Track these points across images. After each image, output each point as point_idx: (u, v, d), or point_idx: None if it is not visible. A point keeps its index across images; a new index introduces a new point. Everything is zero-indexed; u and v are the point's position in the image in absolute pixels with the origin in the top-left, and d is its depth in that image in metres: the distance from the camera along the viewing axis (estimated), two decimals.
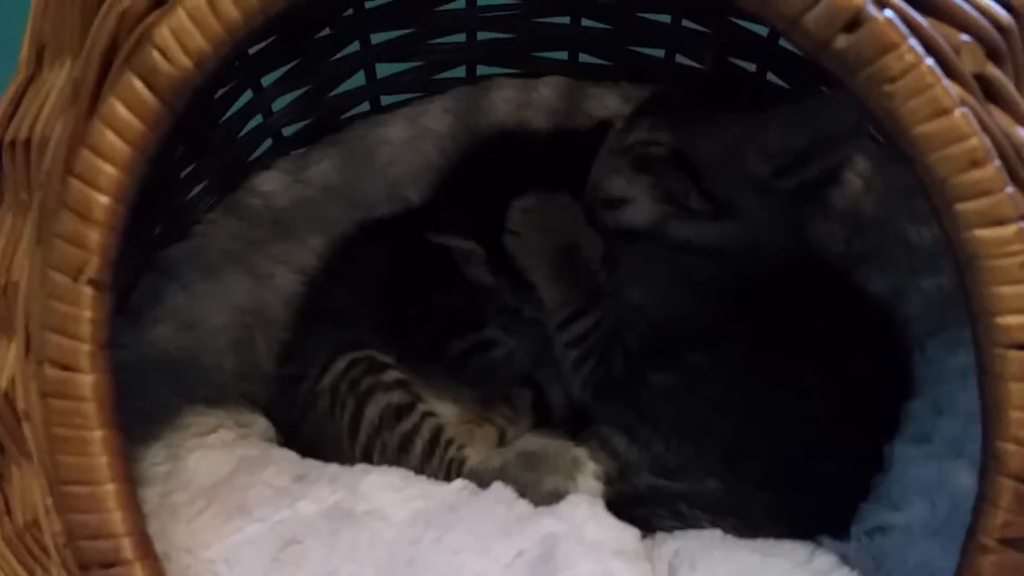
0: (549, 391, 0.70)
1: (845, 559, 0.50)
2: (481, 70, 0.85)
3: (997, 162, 0.37)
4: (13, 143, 0.45)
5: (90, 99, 0.40)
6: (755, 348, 0.63)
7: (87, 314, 0.40)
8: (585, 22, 0.83)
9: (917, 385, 0.61)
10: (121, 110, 0.39)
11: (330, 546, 0.44)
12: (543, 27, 0.83)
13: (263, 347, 0.73)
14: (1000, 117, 0.38)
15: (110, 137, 0.39)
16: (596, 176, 0.67)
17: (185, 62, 0.39)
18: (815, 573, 0.48)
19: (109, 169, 0.40)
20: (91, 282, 0.40)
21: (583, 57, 0.85)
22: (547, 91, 0.81)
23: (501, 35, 0.83)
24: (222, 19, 0.38)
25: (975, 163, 0.36)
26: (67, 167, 0.40)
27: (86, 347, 0.40)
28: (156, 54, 0.38)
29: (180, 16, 0.38)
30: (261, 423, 0.64)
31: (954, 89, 0.37)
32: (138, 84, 0.39)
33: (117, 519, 0.40)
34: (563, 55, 0.85)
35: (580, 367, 0.64)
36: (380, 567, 0.44)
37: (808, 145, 0.63)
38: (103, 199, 0.40)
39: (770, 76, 0.78)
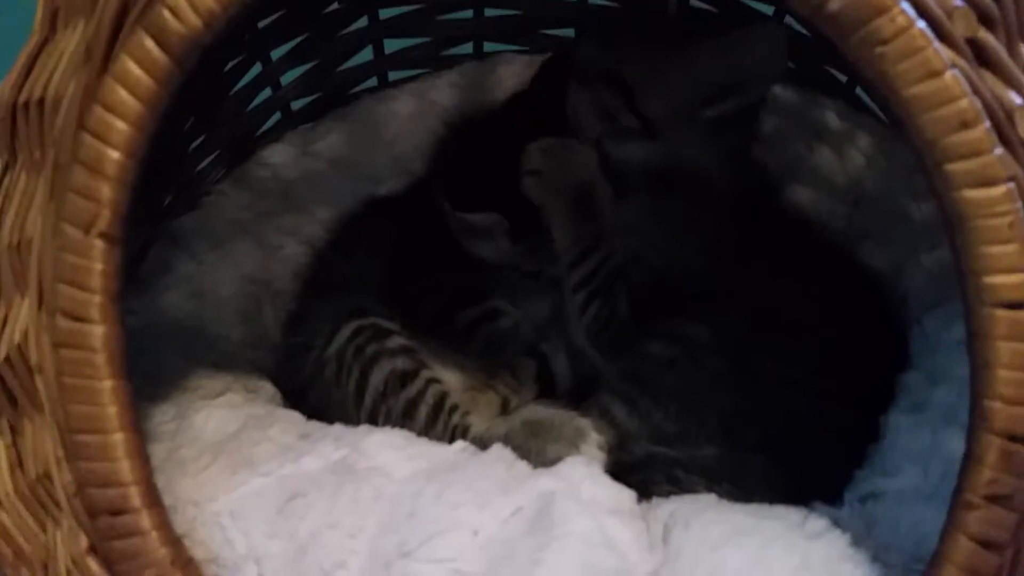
0: (554, 362, 0.71)
1: (838, 522, 0.51)
2: (488, 47, 0.86)
3: (987, 123, 0.37)
4: (27, 104, 0.46)
5: (103, 58, 0.42)
6: (755, 321, 0.63)
7: (98, 266, 0.42)
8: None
9: (913, 358, 0.62)
10: (133, 67, 0.40)
11: (333, 499, 0.46)
12: (551, 4, 0.84)
13: (270, 317, 0.74)
14: (991, 81, 0.39)
15: (122, 94, 0.40)
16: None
17: (195, 21, 0.40)
18: (808, 535, 0.49)
19: (121, 125, 0.41)
20: (102, 235, 0.41)
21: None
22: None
23: (508, 11, 0.84)
24: None
25: (965, 124, 0.37)
26: (80, 124, 0.42)
27: (97, 298, 0.41)
28: (167, 13, 0.39)
29: None
30: (268, 389, 0.65)
31: (945, 52, 0.37)
32: (149, 42, 0.40)
33: (125, 467, 0.42)
34: (570, 32, 0.85)
35: (587, 309, 0.66)
36: (381, 519, 0.45)
37: (731, 79, 0.66)
38: (115, 154, 0.41)
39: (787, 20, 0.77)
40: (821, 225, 0.72)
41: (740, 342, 0.63)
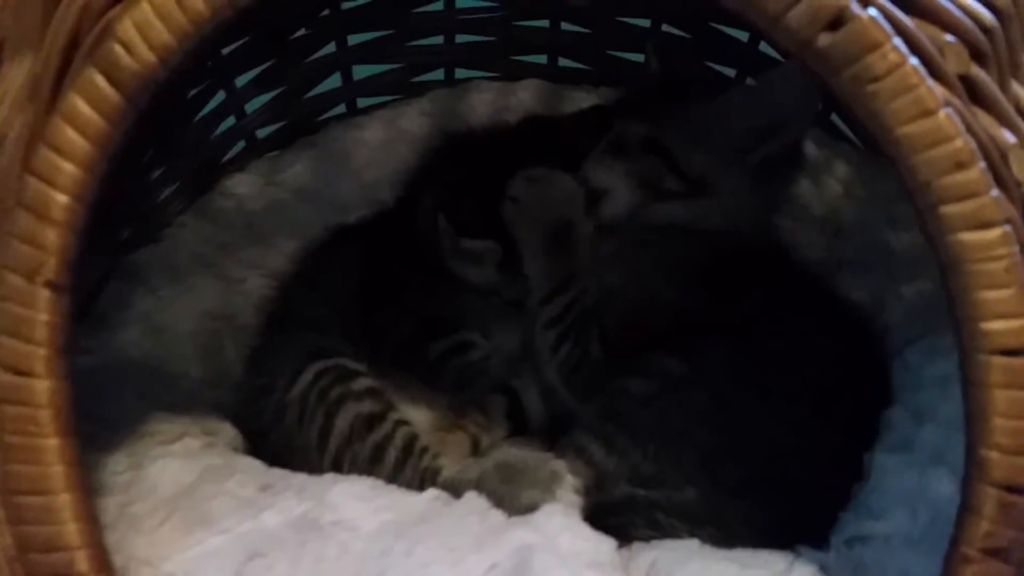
0: (525, 397, 0.68)
1: (824, 569, 0.49)
2: (460, 73, 0.84)
3: (982, 164, 0.36)
4: None
5: (50, 94, 0.39)
6: (734, 355, 0.62)
7: (43, 317, 0.39)
8: (564, 26, 0.82)
9: (896, 393, 0.60)
10: (82, 106, 0.38)
11: (296, 559, 0.43)
12: (522, 30, 0.82)
13: (232, 353, 0.71)
14: (984, 119, 0.38)
15: (70, 134, 0.38)
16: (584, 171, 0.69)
17: (148, 56, 0.38)
18: None
19: (69, 167, 0.38)
20: (48, 284, 0.39)
21: (562, 61, 0.84)
22: (525, 95, 0.80)
23: (480, 38, 0.82)
24: (188, 12, 0.36)
25: (960, 165, 0.36)
26: (25, 165, 0.39)
27: (42, 351, 0.39)
28: (118, 48, 0.37)
29: (144, 9, 0.36)
30: (228, 431, 0.62)
31: (939, 90, 0.36)
32: (99, 79, 0.37)
33: (72, 531, 0.39)
34: (542, 59, 0.84)
35: (558, 349, 0.65)
36: None
37: (767, 121, 0.67)
38: (62, 198, 0.38)
39: (749, 81, 0.77)
40: (800, 255, 0.71)
41: (720, 377, 0.61)
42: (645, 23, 0.80)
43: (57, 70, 0.38)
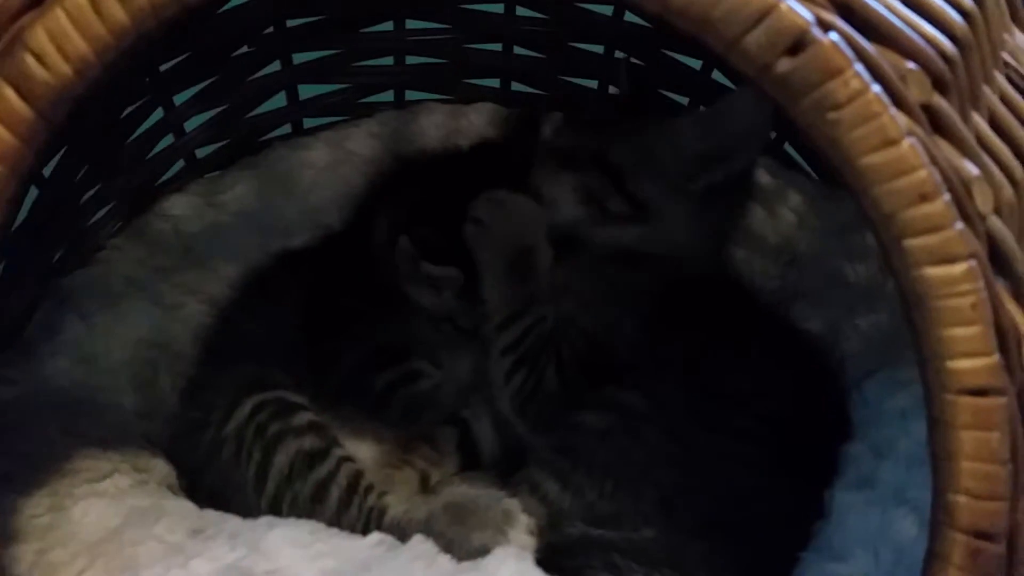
0: (476, 428, 0.66)
1: None
2: (410, 95, 0.82)
3: (947, 196, 0.35)
4: None
5: None
6: (691, 389, 0.60)
7: None
8: (517, 50, 0.81)
9: (856, 427, 0.59)
10: None
11: None
12: (474, 53, 0.81)
13: (168, 384, 0.68)
14: (947, 150, 0.36)
15: None
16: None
17: (64, 69, 0.35)
18: None
19: None
20: None
21: (515, 85, 0.82)
22: (477, 118, 0.79)
23: (431, 60, 0.81)
24: (107, 21, 0.34)
25: (924, 197, 0.34)
26: None
27: None
28: (31, 59, 0.34)
29: (58, 17, 0.34)
30: (161, 468, 0.58)
31: (902, 119, 0.35)
32: (10, 93, 0.34)
33: None
34: (495, 83, 0.82)
35: (512, 377, 0.63)
36: None
37: (716, 147, 0.65)
38: None
39: (715, 75, 0.77)
40: (755, 285, 0.70)
41: (677, 412, 0.60)
42: (598, 49, 0.79)
43: None
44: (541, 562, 0.52)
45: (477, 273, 0.65)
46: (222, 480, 0.57)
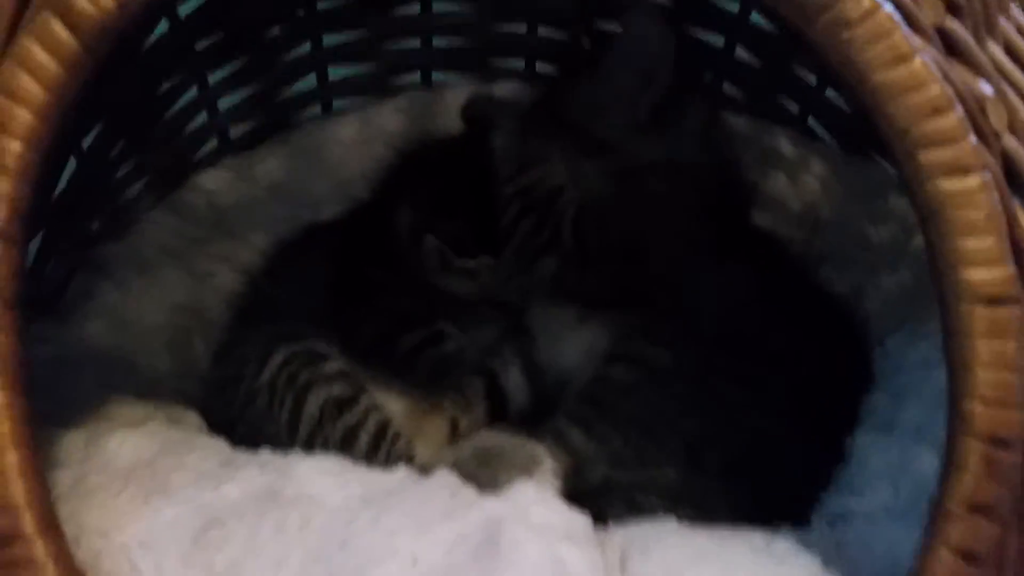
0: (505, 379, 0.66)
1: (805, 546, 0.47)
2: (436, 77, 0.84)
3: (960, 110, 0.35)
4: None
5: (4, 39, 0.38)
6: (719, 343, 0.60)
7: None
8: (542, 30, 0.82)
9: (878, 378, 0.60)
10: (37, 51, 0.37)
11: (255, 528, 0.41)
12: (500, 34, 0.82)
13: (201, 348, 0.69)
14: (961, 71, 0.37)
15: (25, 80, 0.37)
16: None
17: (107, 2, 0.37)
18: (774, 558, 0.46)
19: (23, 114, 0.37)
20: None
21: (540, 66, 0.84)
22: (502, 94, 0.80)
23: (457, 40, 0.82)
24: None
25: (937, 111, 0.35)
26: None
27: None
28: None
29: None
30: (194, 419, 0.60)
31: (914, 38, 0.36)
32: (56, 24, 0.36)
33: (18, 490, 0.37)
34: (520, 63, 0.84)
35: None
36: (309, 549, 0.40)
37: (636, 75, 0.64)
38: (15, 145, 0.37)
39: (738, 51, 0.77)
40: (783, 246, 0.70)
41: (703, 365, 0.60)
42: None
43: (12, 14, 0.37)
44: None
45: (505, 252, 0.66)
46: (255, 430, 0.58)
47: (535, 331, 0.67)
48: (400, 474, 0.47)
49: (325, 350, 0.60)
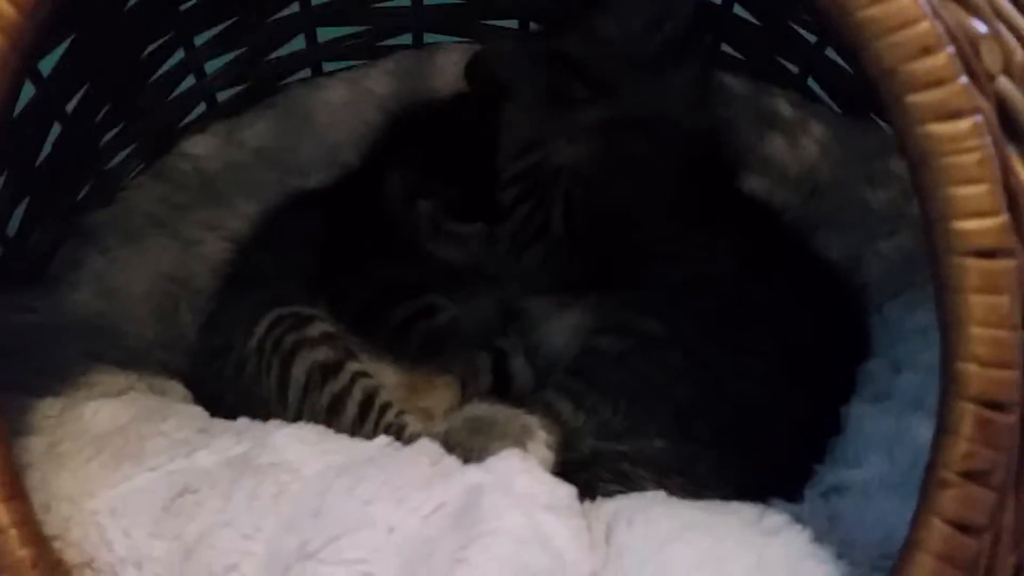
0: (513, 360, 0.65)
1: (798, 519, 0.46)
2: (428, 39, 0.82)
3: (950, 49, 0.34)
4: None
5: None
6: (710, 311, 0.59)
7: None
8: None
9: (875, 346, 0.58)
10: None
11: (227, 496, 0.40)
12: None
13: (188, 317, 0.69)
14: (953, 10, 0.35)
15: None
16: None
17: None
18: (764, 532, 0.44)
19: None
20: None
21: (533, 26, 0.82)
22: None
23: (449, 1, 0.80)
24: None
25: (926, 49, 0.33)
26: None
27: None
28: None
29: None
30: (178, 390, 0.59)
31: None
32: None
33: None
34: (513, 23, 0.82)
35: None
36: (282, 517, 0.39)
37: (649, 17, 0.66)
38: None
39: (736, 9, 0.75)
40: (776, 213, 0.68)
41: (694, 335, 0.59)
42: None
43: None
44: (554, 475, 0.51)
45: (499, 220, 0.65)
46: (245, 398, 0.57)
47: (528, 311, 0.66)
48: (380, 442, 0.46)
49: (310, 312, 0.59)
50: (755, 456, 0.53)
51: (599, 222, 0.61)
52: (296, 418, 0.56)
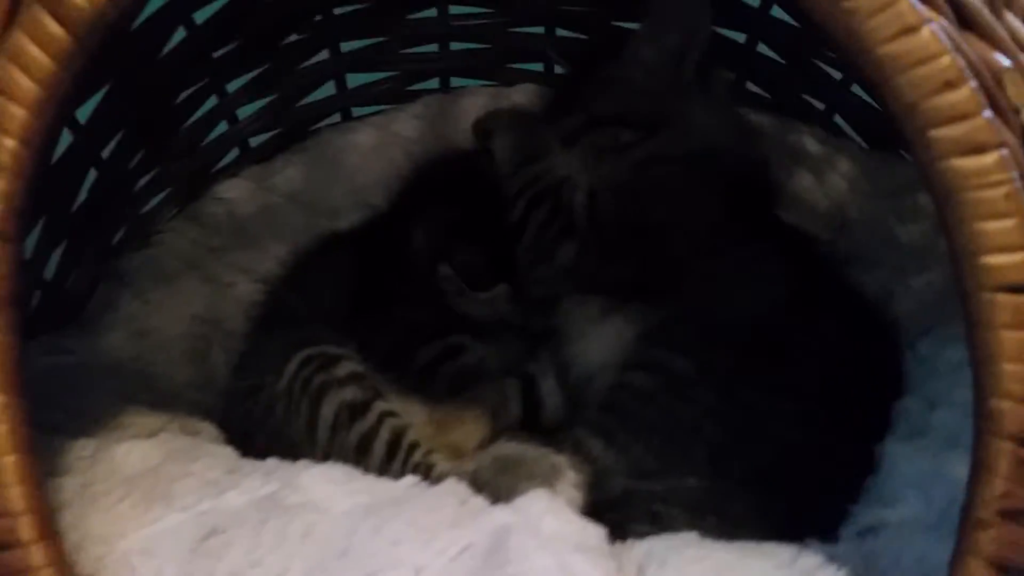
0: (543, 385, 0.65)
1: (833, 560, 0.45)
2: (455, 82, 0.83)
3: (973, 83, 0.34)
4: None
5: None
6: (742, 347, 0.58)
7: None
8: (560, 32, 0.81)
9: (909, 383, 0.57)
10: (29, 46, 0.36)
11: (256, 536, 0.40)
12: (518, 37, 0.82)
13: (220, 359, 0.69)
14: (975, 43, 0.35)
15: (16, 75, 0.37)
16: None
17: None
18: (799, 573, 0.43)
19: (16, 110, 0.37)
20: None
21: (558, 69, 0.83)
22: (519, 98, 0.79)
23: (475, 45, 0.82)
24: None
25: (948, 84, 0.33)
26: None
27: None
28: None
29: None
30: (210, 431, 0.59)
31: (922, 8, 0.34)
32: (47, 18, 0.36)
33: (15, 494, 0.36)
34: (538, 67, 0.83)
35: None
36: (310, 558, 0.39)
37: (678, 38, 0.66)
38: (9, 142, 0.37)
39: (760, 47, 0.76)
40: (813, 242, 0.68)
41: (727, 371, 0.58)
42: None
43: (4, 10, 0.37)
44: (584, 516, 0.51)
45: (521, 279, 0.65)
46: (276, 441, 0.57)
47: (561, 329, 0.65)
48: (407, 482, 0.46)
49: (338, 351, 0.59)
50: (790, 496, 0.52)
51: (631, 231, 0.61)
52: (325, 457, 0.56)
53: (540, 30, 0.81)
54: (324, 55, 0.78)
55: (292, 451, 0.57)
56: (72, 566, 0.38)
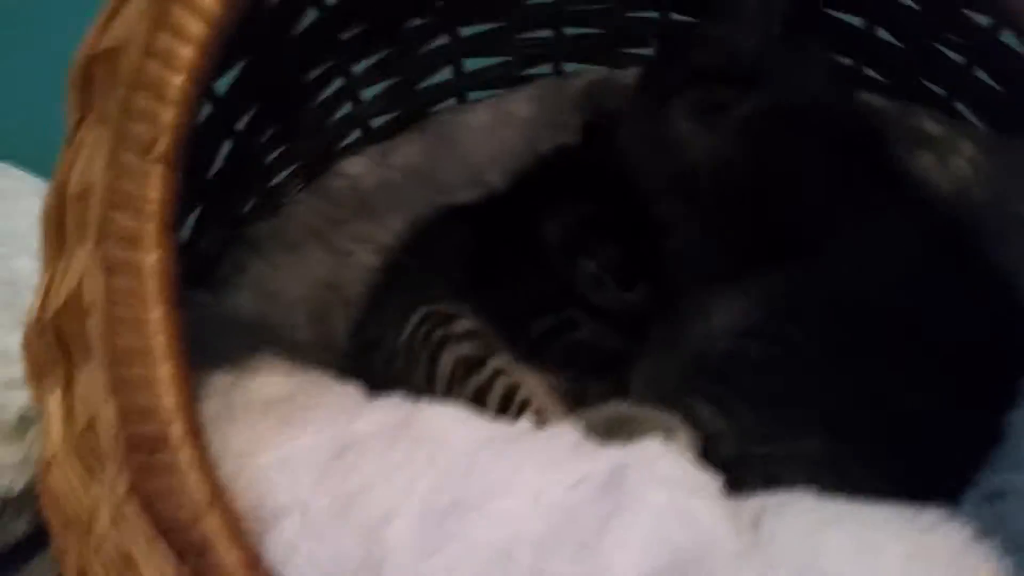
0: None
1: (958, 519, 0.44)
2: (568, 67, 0.85)
3: None
4: (102, 54, 0.46)
5: None
6: (863, 314, 0.57)
7: (154, 193, 0.40)
8: (674, 16, 0.82)
9: None
10: None
11: (385, 455, 0.42)
12: (632, 22, 0.83)
13: (340, 323, 0.72)
14: None
15: (186, 16, 0.40)
16: None
17: None
18: (920, 525, 0.43)
19: (185, 50, 0.40)
20: (161, 159, 0.40)
21: None
22: (631, 81, 0.80)
23: (588, 30, 0.83)
24: None
25: None
26: (145, 50, 0.41)
27: (151, 225, 0.40)
28: None
29: None
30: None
31: None
32: None
33: (168, 403, 0.39)
34: (650, 51, 0.84)
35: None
36: (436, 476, 0.41)
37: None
38: (177, 78, 0.40)
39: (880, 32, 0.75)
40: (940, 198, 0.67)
41: (846, 341, 0.57)
42: None
43: None
44: None
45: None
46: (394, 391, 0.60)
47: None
48: (525, 424, 0.47)
49: (455, 309, 0.61)
50: (911, 462, 0.51)
51: (749, 205, 0.61)
52: None
53: (654, 14, 0.82)
54: (444, 39, 0.81)
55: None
56: (215, 470, 0.41)
